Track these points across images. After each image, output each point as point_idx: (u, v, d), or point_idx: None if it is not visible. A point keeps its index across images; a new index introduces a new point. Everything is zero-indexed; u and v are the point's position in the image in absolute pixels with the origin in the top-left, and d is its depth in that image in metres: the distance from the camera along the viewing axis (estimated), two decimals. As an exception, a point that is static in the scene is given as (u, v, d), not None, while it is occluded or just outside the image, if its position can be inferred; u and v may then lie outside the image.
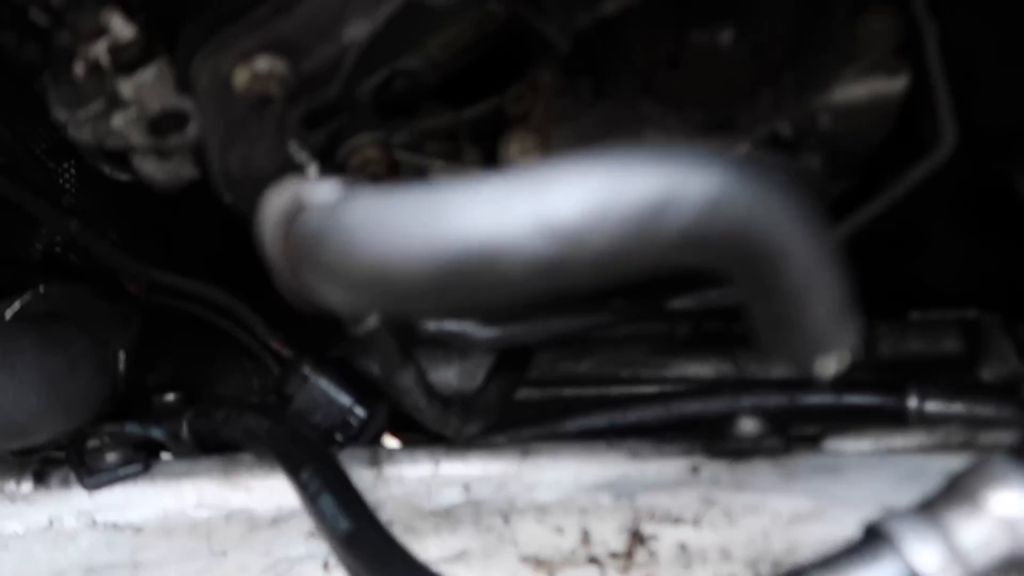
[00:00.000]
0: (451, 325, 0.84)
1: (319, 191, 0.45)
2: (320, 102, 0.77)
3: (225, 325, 1.08)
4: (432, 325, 0.84)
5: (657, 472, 0.84)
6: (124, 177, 0.89)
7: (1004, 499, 0.54)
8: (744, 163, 0.43)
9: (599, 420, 1.02)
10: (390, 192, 0.41)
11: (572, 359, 1.11)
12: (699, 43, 0.79)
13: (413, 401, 0.85)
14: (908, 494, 0.58)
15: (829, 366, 0.49)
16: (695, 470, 0.82)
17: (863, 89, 0.78)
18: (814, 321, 0.48)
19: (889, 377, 0.99)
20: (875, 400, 0.93)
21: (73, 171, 1.15)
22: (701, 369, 1.07)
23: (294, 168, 0.83)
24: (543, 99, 0.86)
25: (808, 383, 1.00)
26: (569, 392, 1.10)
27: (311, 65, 0.74)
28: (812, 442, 0.82)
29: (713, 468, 0.82)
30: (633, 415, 1.01)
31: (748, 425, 0.82)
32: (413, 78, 0.96)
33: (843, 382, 1.03)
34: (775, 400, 0.97)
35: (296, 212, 0.45)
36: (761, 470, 0.79)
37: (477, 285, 0.38)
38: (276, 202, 0.48)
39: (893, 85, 0.78)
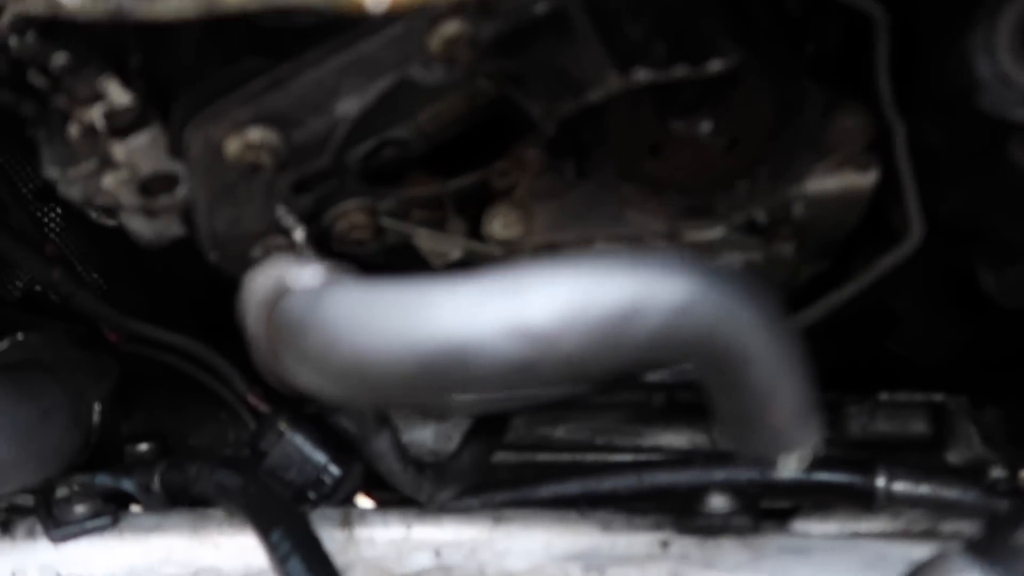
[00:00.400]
0: (428, 392, 0.85)
1: (303, 276, 0.47)
2: (309, 170, 0.79)
3: (202, 377, 1.08)
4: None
5: (627, 545, 0.84)
6: (110, 223, 0.90)
7: (959, 597, 0.55)
8: (711, 269, 0.45)
9: (572, 487, 1.02)
10: (373, 285, 0.42)
11: (548, 424, 1.12)
12: (680, 132, 0.82)
13: (387, 465, 0.86)
14: (870, 582, 0.59)
15: (791, 464, 0.51)
16: (665, 545, 0.83)
17: (834, 182, 0.81)
18: (776, 420, 0.49)
19: (858, 456, 1.00)
20: (844, 478, 0.95)
21: (59, 211, 1.16)
22: (675, 440, 1.08)
23: (280, 231, 0.85)
24: (528, 175, 0.88)
25: (779, 459, 1.02)
26: (544, 457, 1.11)
27: (302, 136, 0.76)
28: (780, 522, 0.83)
29: (683, 544, 0.82)
30: (606, 484, 1.01)
31: (718, 502, 0.83)
32: (402, 147, 0.98)
33: (814, 459, 1.04)
34: (746, 474, 0.98)
35: (280, 295, 0.46)
36: (730, 548, 0.80)
37: (451, 382, 0.39)
38: (260, 282, 0.49)
39: (863, 179, 0.81)
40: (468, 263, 0.97)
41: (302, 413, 1.04)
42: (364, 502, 1.06)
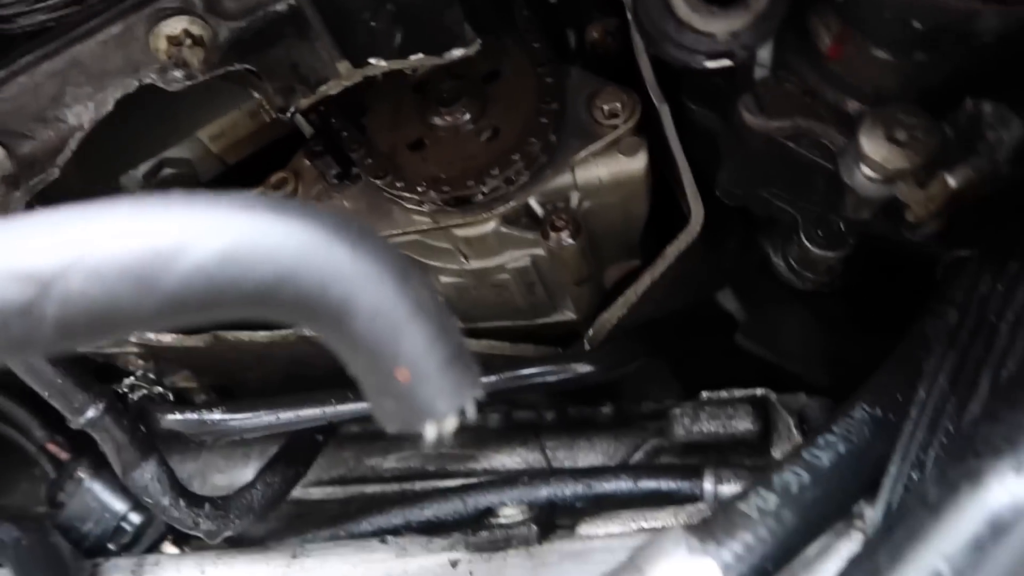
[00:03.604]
0: (189, 415, 0.79)
1: None
2: (45, 183, 0.74)
3: (1, 428, 1.01)
4: (169, 417, 0.80)
5: (419, 569, 0.78)
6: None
7: (662, 569, 0.50)
8: (287, 207, 0.41)
9: (396, 518, 0.96)
10: None
11: (379, 454, 1.06)
12: (441, 126, 0.79)
13: (155, 499, 0.79)
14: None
15: (440, 427, 0.46)
16: (454, 564, 0.77)
17: (603, 169, 0.79)
18: (410, 384, 0.44)
19: (691, 460, 0.95)
20: (671, 484, 0.90)
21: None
22: (508, 460, 1.02)
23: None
24: (305, 184, 0.85)
25: (606, 470, 0.96)
26: (372, 489, 1.04)
27: (30, 149, 0.72)
28: (570, 528, 0.77)
29: (472, 561, 0.76)
30: (429, 511, 0.95)
31: (506, 514, 0.77)
32: (187, 167, 0.95)
33: (641, 467, 0.99)
34: (572, 488, 0.92)
35: None
36: (515, 560, 0.74)
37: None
38: None
39: (632, 164, 0.79)
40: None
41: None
42: (170, 549, 0.98)
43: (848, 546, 0.54)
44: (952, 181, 0.52)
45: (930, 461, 0.53)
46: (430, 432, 0.46)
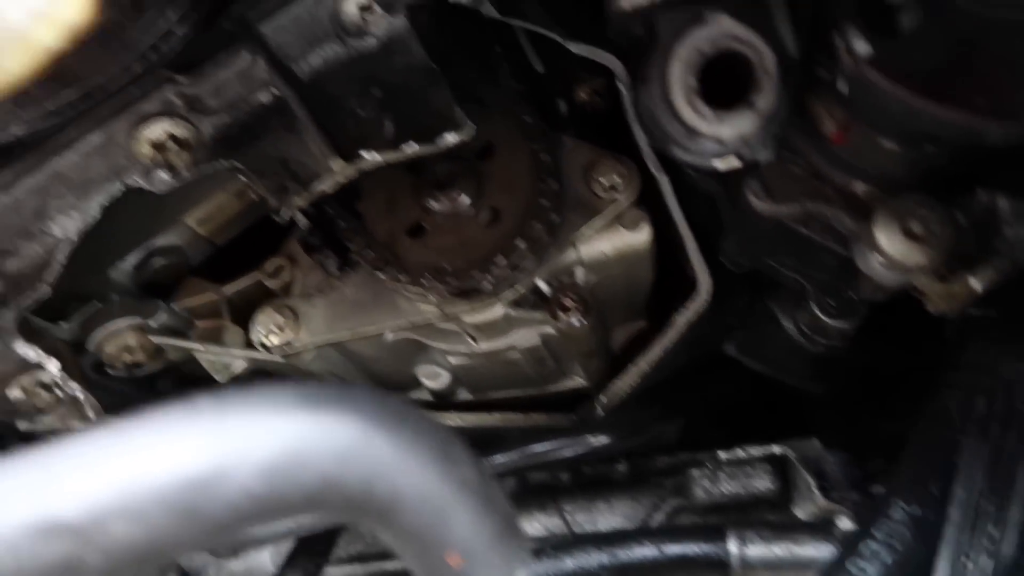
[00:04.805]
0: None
1: None
2: (36, 301, 0.71)
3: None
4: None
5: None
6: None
7: None
8: (326, 399, 0.38)
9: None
10: None
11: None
12: (439, 210, 0.77)
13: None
14: None
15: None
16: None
17: (607, 244, 0.77)
18: (463, 567, 0.42)
19: (711, 521, 0.94)
20: (696, 549, 0.88)
21: None
22: (528, 527, 1.01)
23: (36, 367, 0.77)
24: (301, 272, 0.83)
25: (629, 536, 0.94)
26: (394, 566, 1.02)
27: (17, 266, 0.69)
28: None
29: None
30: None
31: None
32: (176, 254, 0.92)
33: (663, 531, 0.98)
34: (597, 558, 0.91)
35: None
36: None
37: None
38: None
39: (636, 238, 0.77)
40: (258, 372, 0.90)
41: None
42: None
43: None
44: (977, 285, 0.51)
45: (972, 566, 0.52)
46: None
